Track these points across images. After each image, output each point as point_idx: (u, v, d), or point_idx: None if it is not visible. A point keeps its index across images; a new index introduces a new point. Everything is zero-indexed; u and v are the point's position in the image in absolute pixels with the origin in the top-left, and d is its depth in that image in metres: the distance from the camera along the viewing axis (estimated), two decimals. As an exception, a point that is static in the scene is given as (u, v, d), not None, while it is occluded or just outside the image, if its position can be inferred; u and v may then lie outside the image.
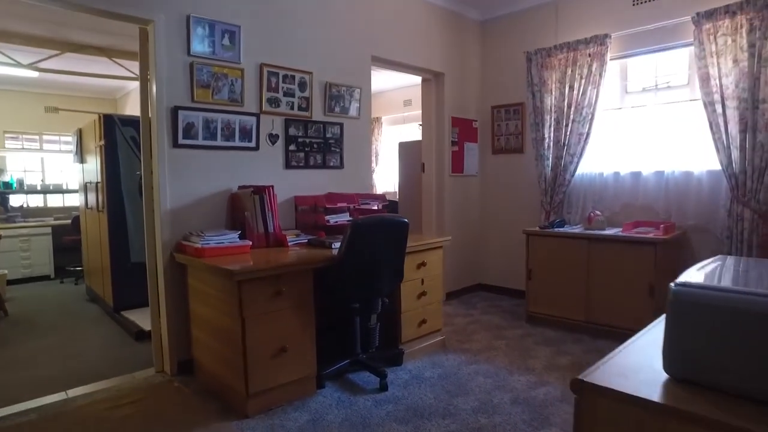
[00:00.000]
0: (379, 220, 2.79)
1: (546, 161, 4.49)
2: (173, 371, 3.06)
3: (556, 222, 4.10)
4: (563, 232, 3.90)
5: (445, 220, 4.91)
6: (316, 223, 3.43)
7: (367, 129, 4.14)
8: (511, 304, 4.76)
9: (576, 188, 4.43)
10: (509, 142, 4.99)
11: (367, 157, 4.16)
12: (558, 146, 4.40)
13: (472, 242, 5.26)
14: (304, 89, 3.64)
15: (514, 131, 4.94)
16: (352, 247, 2.70)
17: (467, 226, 5.19)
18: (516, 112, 4.92)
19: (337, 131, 3.89)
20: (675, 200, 3.89)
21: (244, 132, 3.32)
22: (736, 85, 3.46)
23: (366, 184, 4.15)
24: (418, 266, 3.33)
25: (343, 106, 3.92)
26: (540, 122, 4.50)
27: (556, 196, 4.44)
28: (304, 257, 2.76)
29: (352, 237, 2.68)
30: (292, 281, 2.64)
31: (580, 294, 3.82)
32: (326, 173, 3.85)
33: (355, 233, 2.69)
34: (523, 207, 4.93)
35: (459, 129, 4.96)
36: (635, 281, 3.53)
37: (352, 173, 4.02)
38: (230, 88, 3.22)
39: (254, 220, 3.13)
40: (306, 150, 3.70)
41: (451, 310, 4.60)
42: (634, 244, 3.52)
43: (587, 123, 4.21)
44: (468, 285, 5.25)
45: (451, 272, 4.99)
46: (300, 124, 3.64)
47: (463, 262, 5.15)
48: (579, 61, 4.24)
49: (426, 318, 3.42)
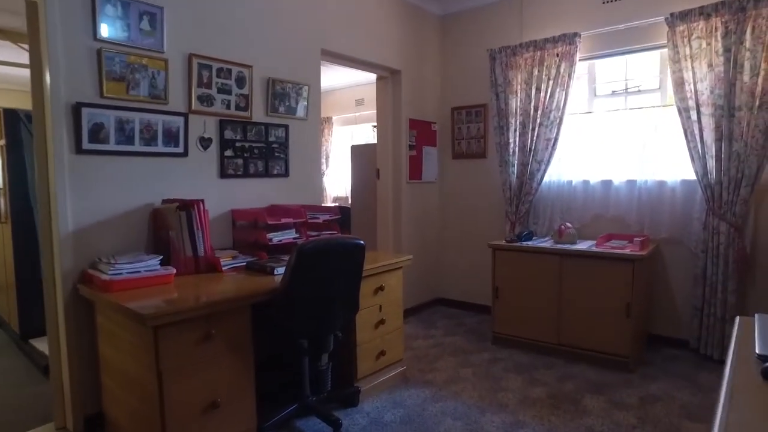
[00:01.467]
0: (329, 245, 2.34)
1: (511, 168, 4.18)
2: (77, 428, 2.49)
3: (523, 234, 3.78)
4: (532, 246, 3.59)
5: (402, 230, 4.52)
6: (257, 242, 2.94)
7: (317, 132, 3.68)
8: (475, 322, 4.43)
9: (543, 197, 4.15)
10: (471, 147, 4.66)
11: (317, 164, 3.70)
12: (524, 152, 4.10)
13: (432, 254, 4.90)
14: (243, 85, 3.14)
15: (476, 135, 4.62)
16: (297, 278, 2.25)
17: (426, 236, 4.82)
18: (478, 115, 4.59)
19: (281, 134, 3.40)
20: (648, 211, 3.66)
21: (169, 135, 2.78)
22: (711, 91, 3.25)
23: (316, 194, 3.68)
24: (375, 291, 2.91)
25: (289, 105, 3.44)
26: (504, 126, 4.19)
27: (521, 205, 4.14)
28: (242, 287, 2.28)
29: (296, 266, 2.22)
30: (225, 320, 2.15)
31: (551, 314, 3.52)
32: (269, 182, 3.36)
33: (299, 261, 2.23)
34: (486, 216, 4.61)
35: (417, 132, 4.58)
36: (611, 300, 3.26)
37: (300, 182, 3.55)
38: (151, 82, 2.68)
39: (180, 242, 2.61)
40: (245, 156, 3.19)
41: (410, 330, 4.21)
42: (610, 260, 3.25)
43: (555, 127, 3.93)
44: (427, 300, 4.88)
45: (408, 287, 4.61)
46: (238, 126, 3.14)
47: (421, 276, 4.78)
48: (546, 61, 3.95)
49: (385, 349, 3.00)
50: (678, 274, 3.60)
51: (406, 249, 4.56)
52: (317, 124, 3.68)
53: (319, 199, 3.73)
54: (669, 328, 3.66)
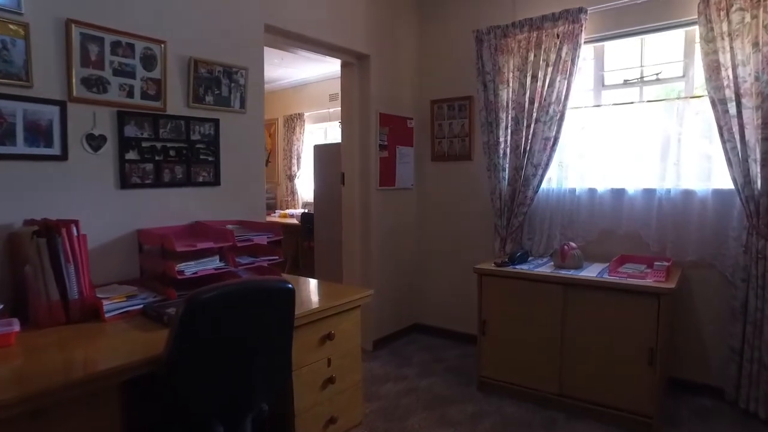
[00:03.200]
0: (240, 292, 1.59)
1: (501, 173, 3.46)
2: None
3: (517, 255, 3.07)
4: (528, 272, 2.88)
5: (372, 246, 3.78)
6: (165, 275, 2.19)
7: (259, 128, 2.93)
8: (458, 356, 3.71)
9: (540, 208, 3.44)
10: (454, 147, 3.94)
11: (259, 168, 2.95)
12: (517, 154, 3.39)
13: (408, 274, 4.17)
14: (152, 66, 2.38)
15: (460, 133, 3.89)
16: (188, 342, 1.50)
17: (401, 253, 4.09)
18: (462, 109, 3.87)
19: (209, 131, 2.65)
20: (670, 228, 2.96)
21: (35, 130, 2.01)
22: (757, 78, 2.56)
23: (258, 207, 2.94)
24: (321, 340, 2.17)
25: (220, 94, 2.69)
26: (493, 122, 3.47)
27: (514, 218, 3.42)
28: (117, 351, 1.54)
29: (185, 325, 1.48)
30: (73, 415, 1.40)
31: (552, 357, 2.81)
32: (193, 193, 2.61)
33: (191, 318, 1.48)
34: (472, 230, 3.89)
35: (390, 129, 3.85)
36: (629, 343, 2.55)
37: (236, 191, 2.80)
38: (2, 55, 1.92)
39: (39, 280, 1.85)
40: (157, 159, 2.44)
41: (378, 368, 3.48)
42: (628, 293, 2.54)
43: (555, 124, 3.22)
44: (403, 327, 4.15)
45: (380, 312, 3.88)
46: (146, 121, 2.38)
47: (396, 299, 4.05)
48: (545, 43, 3.24)
49: (336, 414, 2.26)
50: (708, 307, 2.91)
51: (376, 268, 3.83)
52: (260, 118, 2.93)
53: (261, 212, 2.98)
54: (696, 371, 2.97)
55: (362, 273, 3.80)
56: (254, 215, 2.89)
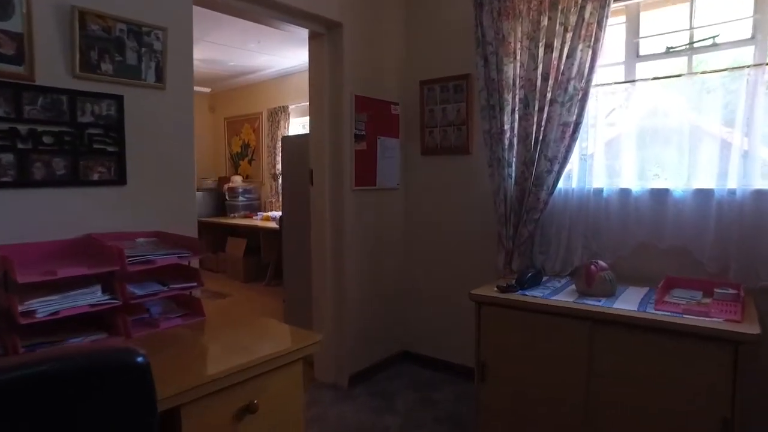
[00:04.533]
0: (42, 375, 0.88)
1: (507, 169, 2.73)
2: None
3: (527, 277, 2.33)
4: (543, 301, 2.14)
5: (346, 260, 3.06)
6: (9, 315, 1.48)
7: (188, 111, 2.22)
8: (453, 396, 2.98)
9: (557, 214, 2.70)
10: (448, 138, 3.21)
11: (187, 162, 2.24)
12: (527, 144, 2.66)
13: (393, 293, 3.45)
14: (6, 13, 1.68)
15: (456, 120, 3.17)
16: None
17: (384, 268, 3.37)
18: (458, 90, 3.14)
19: (108, 111, 1.94)
20: (735, 242, 2.22)
21: None
22: None
23: (186, 214, 2.23)
24: (236, 417, 1.45)
25: (123, 62, 1.98)
26: (497, 105, 2.74)
27: (523, 225, 2.69)
28: None
29: None
30: None
31: (574, 419, 2.08)
32: (83, 196, 1.90)
33: None
34: (470, 240, 3.16)
35: (369, 116, 3.13)
36: (690, 409, 1.82)
37: (152, 194, 2.09)
38: None
39: None
40: (21, 148, 1.74)
41: (352, 415, 2.75)
42: (688, 338, 1.81)
43: (576, 105, 2.49)
44: (388, 356, 3.43)
45: (357, 341, 3.16)
46: (1, 94, 1.68)
47: (378, 324, 3.33)
48: (562, 2, 2.51)
49: None
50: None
51: (352, 285, 3.11)
52: (187, 97, 2.22)
53: (191, 220, 2.27)
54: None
55: (334, 290, 3.08)
56: (180, 224, 2.17)
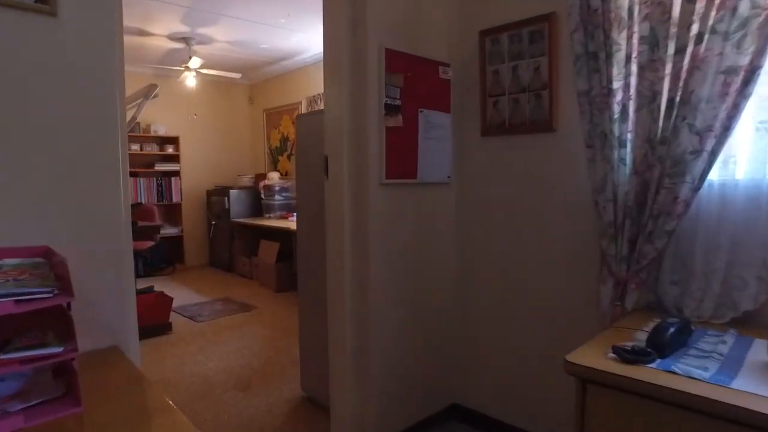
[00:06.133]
0: None
1: (617, 150, 1.73)
2: None
3: (668, 331, 1.33)
4: (714, 393, 1.14)
5: (372, 282, 2.16)
6: None
7: (107, 55, 1.39)
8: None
9: (705, 222, 1.65)
10: (520, 109, 2.23)
11: (107, 142, 1.41)
12: (653, 109, 1.64)
13: (439, 330, 2.50)
14: None
15: (532, 83, 2.18)
16: None
17: (428, 295, 2.43)
18: (537, 39, 2.15)
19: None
20: None
21: None
22: None
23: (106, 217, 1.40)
24: None
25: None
26: (601, 50, 1.74)
27: (647, 241, 1.67)
28: None
29: None
30: None
31: None
32: None
33: None
34: (555, 260, 2.16)
35: (407, 79, 2.21)
36: None
37: (37, 189, 1.28)
38: None
39: None
40: None
41: None
42: None
43: (753, 38, 1.46)
44: (432, 413, 2.49)
45: (390, 391, 2.25)
46: None
47: (417, 370, 2.40)
48: None
49: None
50: None
51: (382, 316, 2.21)
52: (106, 29, 1.40)
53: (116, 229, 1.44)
54: None
55: (356, 323, 2.19)
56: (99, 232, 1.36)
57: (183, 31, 5.08)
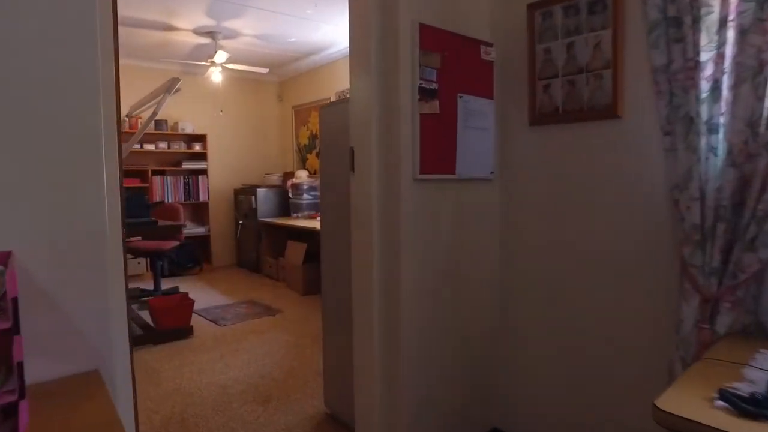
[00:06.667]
0: None
1: (706, 137, 1.41)
2: None
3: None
4: None
5: (402, 290, 1.88)
6: None
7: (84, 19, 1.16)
8: None
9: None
10: (577, 93, 1.92)
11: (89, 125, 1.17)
12: (756, 85, 1.32)
13: (481, 346, 2.21)
14: None
15: (592, 62, 1.86)
16: None
17: (467, 307, 2.14)
18: (597, 10, 1.83)
19: None
20: None
21: None
22: None
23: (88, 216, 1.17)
24: None
25: None
26: (686, 14, 1.42)
27: (746, 249, 1.35)
28: None
29: None
30: None
31: None
32: None
33: None
34: (620, 273, 1.83)
35: (444, 60, 1.92)
36: None
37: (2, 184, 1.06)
38: None
39: None
40: None
41: None
42: None
43: None
44: (470, 440, 2.20)
45: (423, 414, 1.97)
46: None
47: (456, 389, 2.11)
48: None
49: None
50: None
51: (413, 330, 1.93)
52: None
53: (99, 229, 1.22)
54: None
55: (385, 338, 1.92)
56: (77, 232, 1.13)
57: (209, 25, 4.92)
